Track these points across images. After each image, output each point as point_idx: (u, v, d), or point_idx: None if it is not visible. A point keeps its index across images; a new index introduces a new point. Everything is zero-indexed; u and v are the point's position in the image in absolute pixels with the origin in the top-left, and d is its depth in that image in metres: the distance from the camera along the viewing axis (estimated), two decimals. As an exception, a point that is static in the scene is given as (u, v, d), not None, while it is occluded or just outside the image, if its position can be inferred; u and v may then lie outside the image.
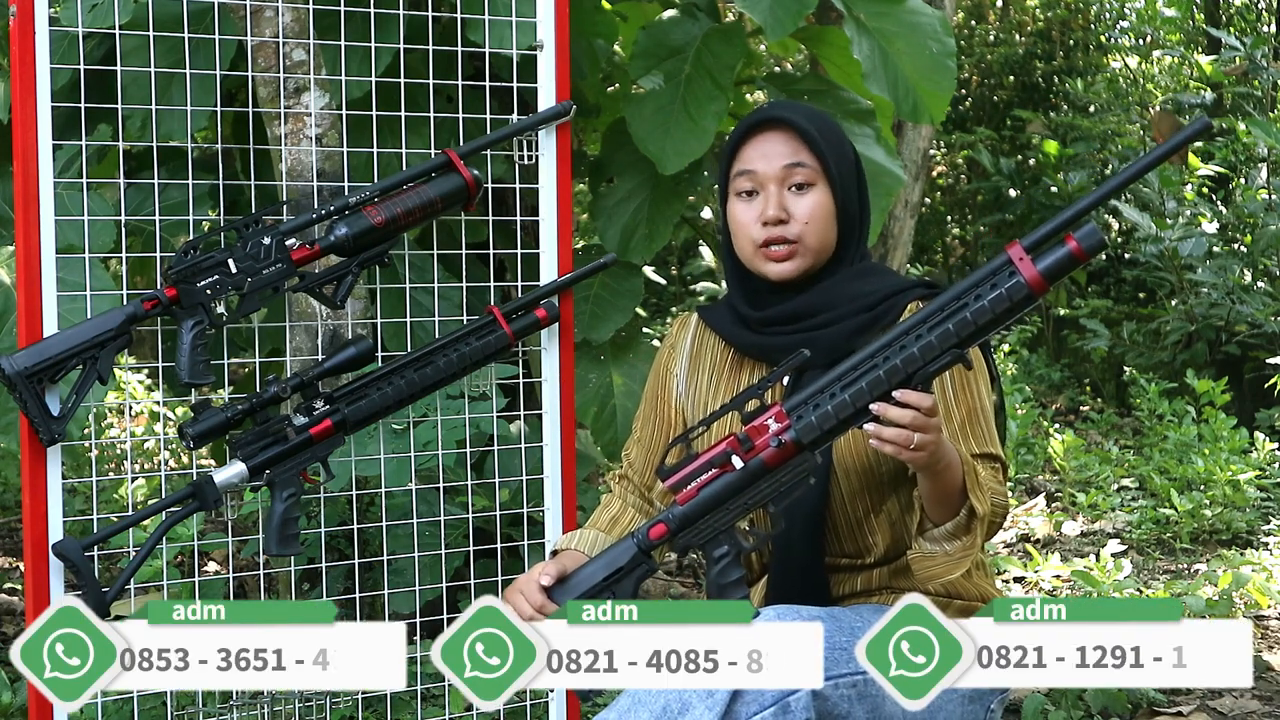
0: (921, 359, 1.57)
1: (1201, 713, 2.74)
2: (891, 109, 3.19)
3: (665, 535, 1.68)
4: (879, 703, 1.69)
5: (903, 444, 1.57)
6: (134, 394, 5.68)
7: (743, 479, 1.65)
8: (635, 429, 2.06)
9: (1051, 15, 9.11)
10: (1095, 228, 1.52)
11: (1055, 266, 1.53)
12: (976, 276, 1.56)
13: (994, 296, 1.54)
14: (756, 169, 1.87)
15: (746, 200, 1.88)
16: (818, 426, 1.61)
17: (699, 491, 1.66)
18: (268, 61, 2.28)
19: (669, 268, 8.56)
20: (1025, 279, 1.53)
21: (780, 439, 1.63)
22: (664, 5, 3.47)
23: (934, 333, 1.57)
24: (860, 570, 1.87)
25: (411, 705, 2.43)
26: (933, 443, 1.59)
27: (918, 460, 1.60)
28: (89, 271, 2.06)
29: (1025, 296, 1.54)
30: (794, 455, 1.63)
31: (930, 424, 1.58)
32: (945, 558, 1.73)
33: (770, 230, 1.85)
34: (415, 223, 2.08)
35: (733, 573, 1.68)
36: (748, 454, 1.64)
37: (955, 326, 1.56)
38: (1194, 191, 6.88)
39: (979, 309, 1.55)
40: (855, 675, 1.67)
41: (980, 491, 1.70)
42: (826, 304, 1.84)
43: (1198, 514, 4.39)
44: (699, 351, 1.99)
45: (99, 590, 1.91)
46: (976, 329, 1.55)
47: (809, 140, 1.86)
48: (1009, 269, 1.54)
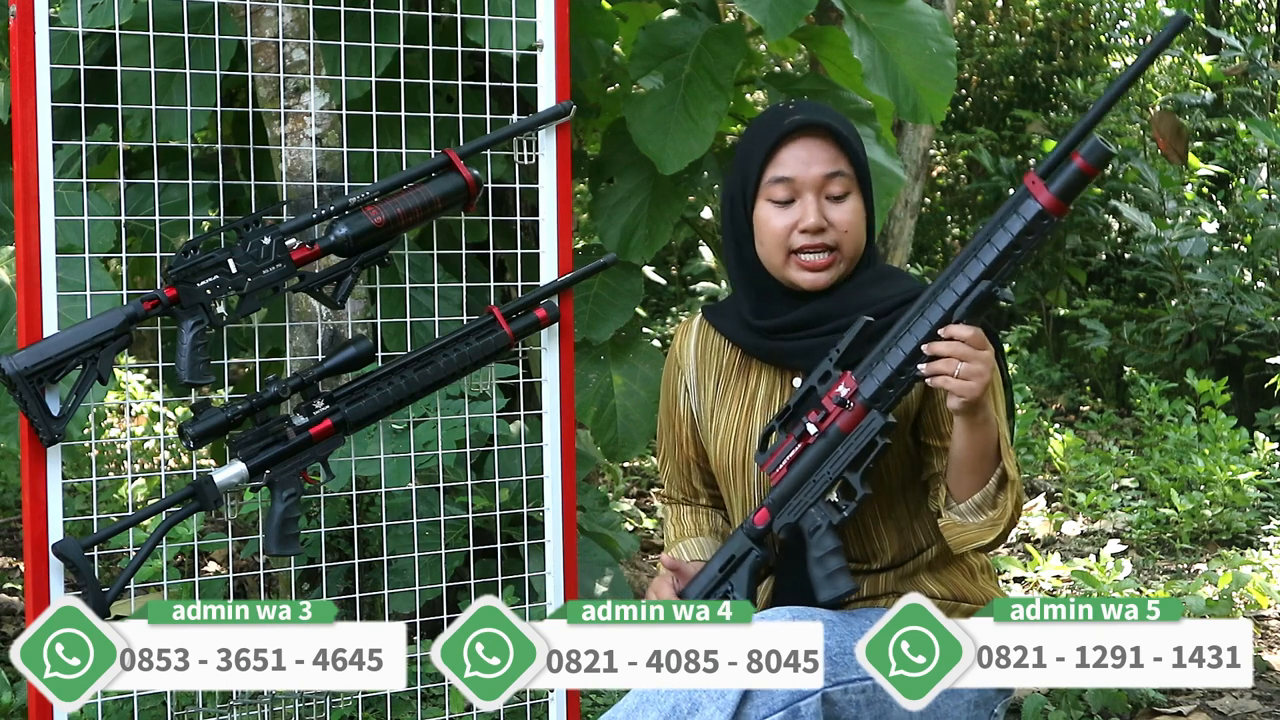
0: (958, 295, 1.67)
1: (1201, 713, 2.74)
2: (891, 109, 3.19)
3: (769, 518, 1.77)
4: (887, 708, 1.69)
5: (949, 372, 1.64)
6: (134, 394, 5.68)
7: (824, 447, 1.74)
8: (660, 448, 2.07)
9: (1051, 15, 9.11)
10: (1098, 141, 1.62)
11: (1066, 184, 1.64)
12: (1000, 212, 1.67)
13: (1012, 221, 1.65)
14: (795, 175, 1.82)
15: (781, 208, 1.83)
16: (879, 380, 1.71)
17: (788, 469, 1.76)
18: (268, 61, 2.28)
19: (669, 268, 8.56)
20: (1040, 201, 1.64)
21: (849, 402, 1.72)
22: (664, 5, 3.47)
23: (966, 270, 1.67)
24: (867, 575, 1.86)
25: (411, 705, 2.43)
26: (979, 374, 1.64)
27: (966, 391, 1.64)
28: (89, 271, 2.06)
29: (1039, 215, 1.64)
30: (864, 416, 1.72)
31: (976, 355, 1.64)
32: (977, 525, 1.74)
33: (810, 239, 1.82)
34: (415, 223, 2.08)
35: (827, 543, 1.74)
36: (823, 422, 1.74)
37: (983, 256, 1.66)
38: (1194, 191, 6.88)
39: (1001, 236, 1.65)
40: (865, 681, 1.67)
41: (1011, 458, 1.73)
42: (841, 310, 1.82)
43: (1198, 514, 4.39)
44: (705, 356, 1.97)
45: (99, 590, 1.91)
46: (1001, 255, 1.65)
47: (846, 148, 1.83)
48: (1025, 195, 1.65)
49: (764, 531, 1.77)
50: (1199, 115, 7.25)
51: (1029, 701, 2.66)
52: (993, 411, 1.70)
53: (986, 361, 1.64)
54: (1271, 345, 5.69)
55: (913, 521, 1.86)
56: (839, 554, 1.73)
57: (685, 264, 8.63)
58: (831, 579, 1.73)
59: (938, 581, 1.87)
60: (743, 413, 1.89)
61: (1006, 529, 1.76)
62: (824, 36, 3.39)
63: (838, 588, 1.72)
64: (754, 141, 1.86)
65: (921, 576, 1.87)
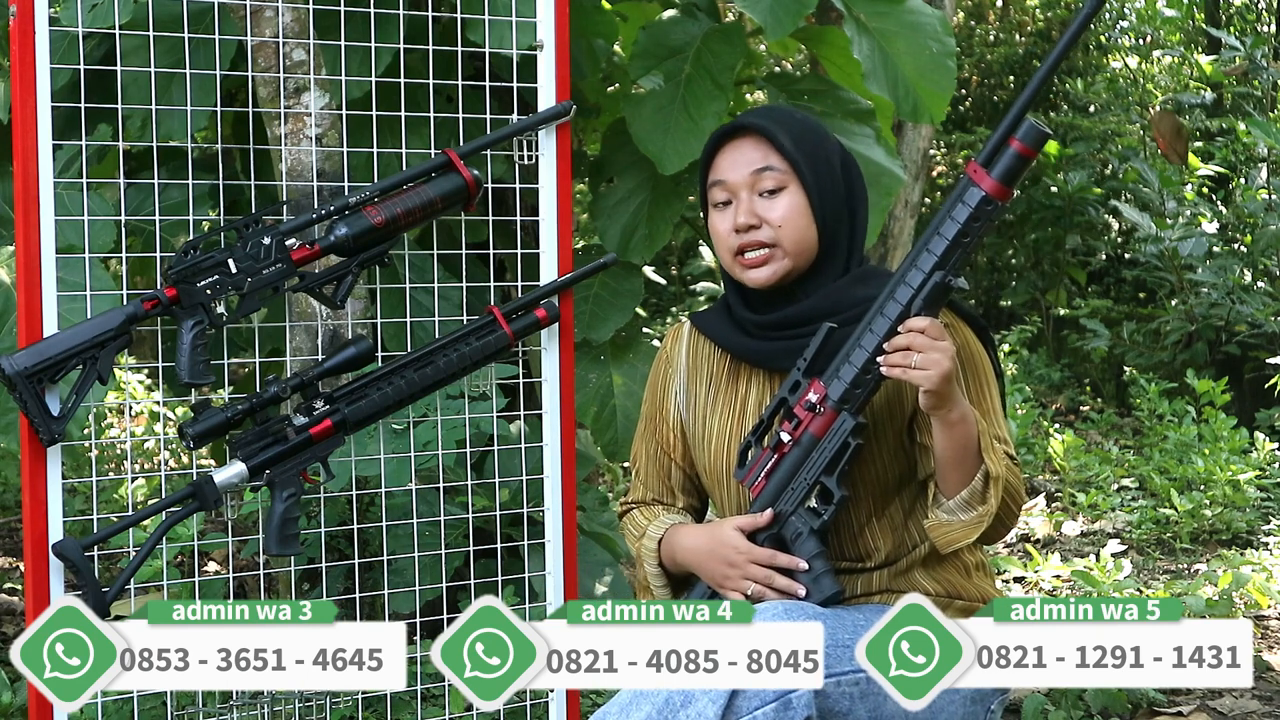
0: (913, 289, 1.69)
1: (1201, 713, 2.74)
2: (891, 109, 3.19)
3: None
4: (880, 701, 1.69)
5: (905, 364, 1.66)
6: (134, 394, 5.68)
7: (798, 455, 1.77)
8: (637, 448, 2.04)
9: (1051, 15, 9.11)
10: (1032, 123, 1.66)
11: (1006, 169, 1.67)
12: (946, 204, 1.70)
13: (958, 210, 1.68)
14: (727, 178, 1.87)
15: (722, 210, 1.88)
16: (845, 381, 1.73)
17: (766, 480, 1.78)
18: (268, 61, 2.28)
19: (669, 268, 8.56)
20: (984, 188, 1.67)
21: (820, 407, 1.74)
22: (664, 5, 3.47)
23: (918, 263, 1.70)
24: (862, 573, 1.87)
25: (411, 705, 2.43)
26: (936, 363, 1.65)
27: (925, 381, 1.65)
28: (89, 271, 2.06)
29: (983, 201, 1.67)
30: (835, 419, 1.74)
31: (933, 345, 1.66)
32: (963, 524, 1.75)
33: (743, 237, 1.84)
34: (415, 223, 2.08)
35: (810, 547, 1.76)
36: (796, 430, 1.76)
37: (933, 247, 1.69)
38: (1194, 191, 6.88)
39: (948, 226, 1.68)
40: (857, 673, 1.67)
41: (994, 454, 1.72)
42: (828, 310, 1.83)
43: (1198, 514, 4.39)
44: (696, 362, 1.97)
45: (99, 590, 1.91)
46: (951, 245, 1.68)
47: (776, 143, 1.85)
48: (969, 184, 1.69)
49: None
50: (1199, 115, 7.25)
51: (1029, 701, 2.66)
52: (969, 409, 1.71)
53: (944, 351, 1.66)
54: (1271, 345, 5.69)
55: (906, 520, 1.86)
56: (823, 557, 1.75)
57: (685, 264, 8.63)
58: (818, 582, 1.75)
59: (932, 579, 1.87)
60: (734, 419, 1.89)
61: (993, 525, 1.75)
62: (824, 36, 3.39)
63: (824, 590, 1.74)
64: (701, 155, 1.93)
65: (915, 574, 1.87)
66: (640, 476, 2.03)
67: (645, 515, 1.99)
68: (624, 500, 2.06)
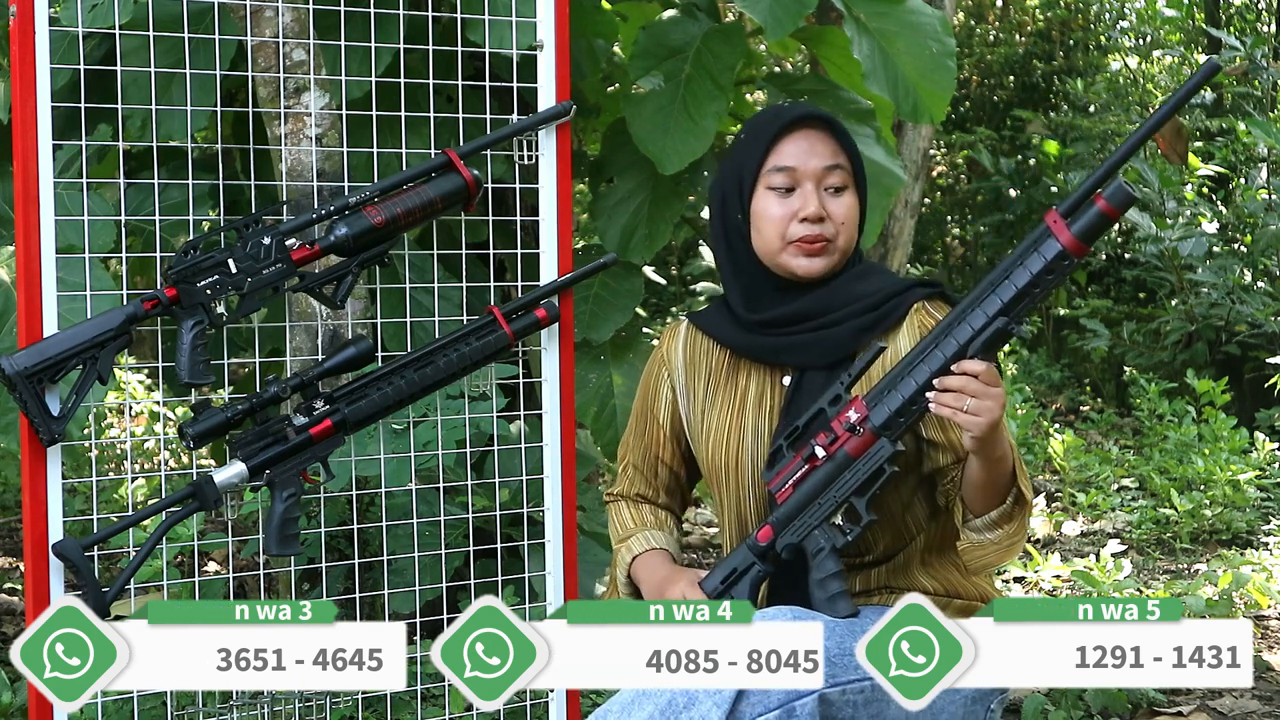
0: (972, 330, 1.66)
1: (1201, 713, 2.74)
2: (891, 109, 3.19)
3: (772, 536, 1.78)
4: (884, 708, 1.69)
5: (958, 407, 1.64)
6: (134, 394, 5.68)
7: (831, 471, 1.75)
8: (626, 444, 2.06)
9: (1051, 15, 9.10)
10: (1121, 184, 1.61)
11: (1088, 226, 1.63)
12: (1020, 249, 1.66)
13: (1032, 260, 1.64)
14: (796, 165, 1.86)
15: (782, 196, 1.86)
16: (889, 409, 1.70)
17: (794, 490, 1.76)
18: (268, 61, 2.28)
19: (669, 268, 8.56)
20: (1060, 241, 1.63)
21: (859, 428, 1.72)
22: (664, 5, 3.47)
23: (983, 305, 1.66)
24: (859, 569, 1.87)
25: (411, 705, 2.43)
26: (989, 410, 1.64)
27: (974, 427, 1.64)
28: (89, 271, 2.06)
29: (1059, 255, 1.63)
30: (873, 443, 1.73)
31: (986, 391, 1.64)
32: (995, 545, 1.76)
33: (809, 228, 1.84)
34: (415, 223, 2.08)
35: (829, 566, 1.75)
36: (832, 446, 1.74)
37: (1001, 294, 1.65)
38: (1194, 191, 6.88)
39: (1020, 274, 1.65)
40: (862, 681, 1.67)
41: (1026, 481, 1.74)
42: (829, 305, 1.84)
43: (1198, 514, 4.39)
44: (693, 359, 1.98)
45: (99, 590, 1.91)
46: (1018, 293, 1.65)
47: (845, 144, 1.87)
48: (1046, 234, 1.64)
49: (767, 548, 1.79)
50: (1199, 115, 7.25)
51: (1029, 701, 2.66)
52: (1008, 446, 1.71)
53: (997, 399, 1.64)
54: (1271, 345, 5.68)
55: (904, 512, 1.86)
56: (841, 578, 1.75)
57: (685, 264, 8.62)
58: (832, 602, 1.74)
59: (930, 576, 1.88)
60: (733, 414, 1.90)
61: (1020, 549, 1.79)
62: (824, 36, 3.39)
63: (838, 611, 1.73)
64: (754, 135, 1.89)
65: (914, 570, 1.87)
66: (628, 473, 2.04)
67: (634, 517, 2.01)
68: (609, 492, 2.08)
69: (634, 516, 2.01)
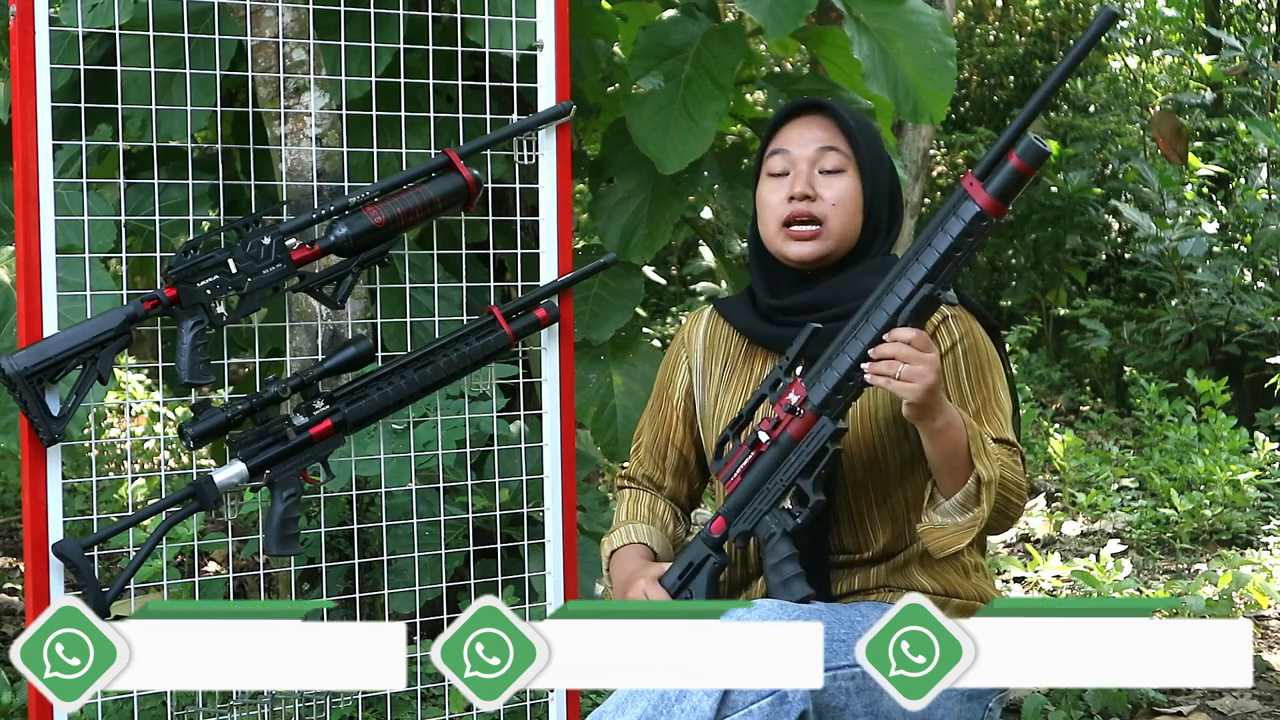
0: (900, 299, 1.67)
1: (1201, 713, 2.74)
2: (891, 109, 3.19)
3: (725, 526, 1.79)
4: (877, 696, 1.70)
5: (890, 374, 1.65)
6: (134, 394, 5.68)
7: (776, 455, 1.75)
8: (640, 425, 2.07)
9: (1051, 15, 9.10)
10: (1031, 140, 1.63)
11: (1003, 185, 1.64)
12: (939, 215, 1.68)
13: (951, 224, 1.66)
14: (791, 149, 1.88)
15: (777, 180, 1.89)
16: (827, 387, 1.71)
17: (742, 478, 1.77)
18: (268, 61, 2.28)
19: (669, 268, 8.56)
20: (978, 203, 1.64)
21: (799, 409, 1.73)
22: (664, 5, 3.47)
23: (908, 274, 1.67)
24: (859, 567, 1.87)
25: (411, 705, 2.43)
26: (921, 375, 1.64)
27: (909, 393, 1.65)
28: (89, 271, 2.06)
29: (977, 216, 1.64)
30: (815, 423, 1.73)
31: (919, 356, 1.64)
32: (955, 527, 1.74)
33: (796, 206, 1.85)
34: (415, 223, 2.08)
35: (782, 549, 1.75)
36: (775, 430, 1.75)
37: (924, 260, 1.67)
38: (1194, 191, 6.88)
39: (940, 239, 1.66)
40: (854, 668, 1.68)
41: (986, 458, 1.71)
42: (839, 297, 1.85)
43: (1198, 514, 4.39)
44: (713, 343, 1.99)
45: (99, 590, 1.91)
46: (941, 258, 1.66)
47: (845, 128, 1.88)
48: (963, 196, 1.66)
49: (721, 539, 1.79)
50: (1199, 115, 7.25)
51: (1029, 701, 2.66)
52: (954, 416, 1.70)
53: (929, 363, 1.65)
54: (1271, 345, 5.68)
55: (908, 511, 1.86)
56: (793, 560, 1.75)
57: (685, 264, 8.63)
58: (787, 585, 1.74)
59: (930, 577, 1.87)
60: (745, 400, 1.91)
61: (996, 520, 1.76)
62: (824, 36, 3.39)
63: (793, 593, 1.73)
64: (766, 129, 1.94)
65: (914, 570, 1.87)
66: (639, 453, 2.06)
67: (628, 509, 2.02)
68: (620, 474, 2.10)
69: (628, 508, 2.03)
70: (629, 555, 1.94)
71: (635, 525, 1.98)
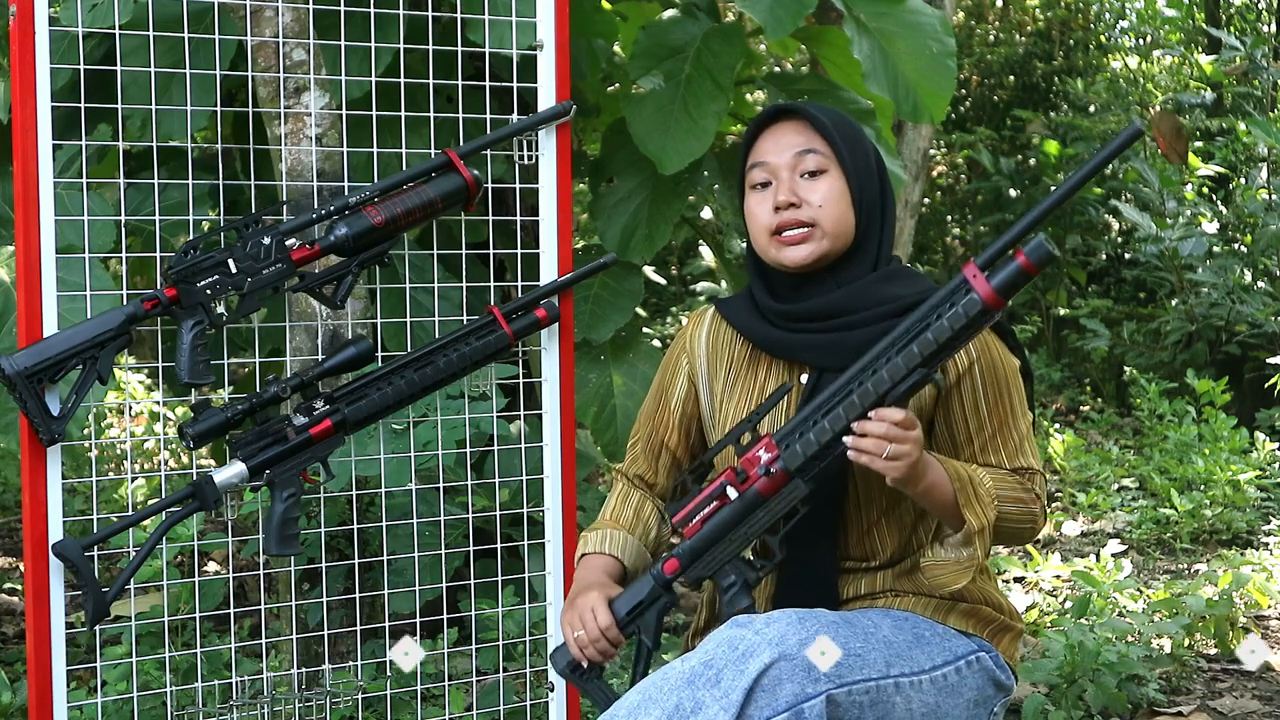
0: (890, 380, 1.66)
1: (1201, 713, 2.74)
2: (891, 109, 3.19)
3: (678, 569, 1.77)
4: (890, 708, 1.69)
5: (876, 453, 1.66)
6: (134, 394, 5.68)
7: (740, 510, 1.74)
8: (637, 425, 2.07)
9: (1051, 15, 9.11)
10: (1042, 241, 1.60)
11: (1006, 281, 1.62)
12: (937, 297, 1.65)
13: (951, 314, 1.63)
14: (769, 159, 1.87)
15: (761, 191, 1.88)
16: (802, 454, 1.71)
17: (702, 525, 1.75)
18: (268, 61, 2.28)
19: (669, 268, 8.56)
20: (980, 295, 1.62)
21: (770, 469, 1.72)
22: (664, 5, 3.47)
23: (900, 355, 1.66)
24: (866, 573, 1.87)
25: (411, 705, 2.43)
26: (907, 454, 1.66)
27: (893, 471, 1.66)
28: (89, 271, 2.06)
29: (980, 312, 1.62)
30: (785, 483, 1.72)
31: (905, 436, 1.66)
32: (955, 565, 1.77)
33: (783, 215, 1.84)
34: (415, 223, 2.08)
35: (741, 601, 1.75)
36: (742, 485, 1.74)
37: (919, 347, 1.65)
38: (1194, 191, 6.88)
39: (939, 328, 1.64)
40: (868, 682, 1.67)
41: (977, 506, 1.73)
42: (854, 305, 1.83)
43: (1198, 514, 4.39)
44: (716, 347, 1.98)
45: (99, 590, 1.91)
46: (938, 347, 1.64)
47: (819, 128, 1.86)
48: (965, 288, 1.63)
49: (672, 580, 1.79)
50: (1199, 115, 7.25)
51: (1029, 701, 2.66)
52: (937, 476, 1.72)
53: (916, 442, 1.66)
54: (1271, 345, 5.69)
55: (916, 522, 1.86)
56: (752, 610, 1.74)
57: (685, 264, 8.63)
58: None
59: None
60: (750, 405, 1.90)
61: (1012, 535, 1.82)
62: (824, 36, 3.39)
63: None
64: (742, 142, 1.93)
65: (919, 574, 1.87)
66: (636, 449, 2.06)
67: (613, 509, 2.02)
68: (617, 469, 2.10)
69: (615, 507, 2.02)
70: (596, 565, 1.94)
71: (613, 532, 1.98)
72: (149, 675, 2.32)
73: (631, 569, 1.95)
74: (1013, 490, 1.78)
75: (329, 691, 2.21)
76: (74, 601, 2.07)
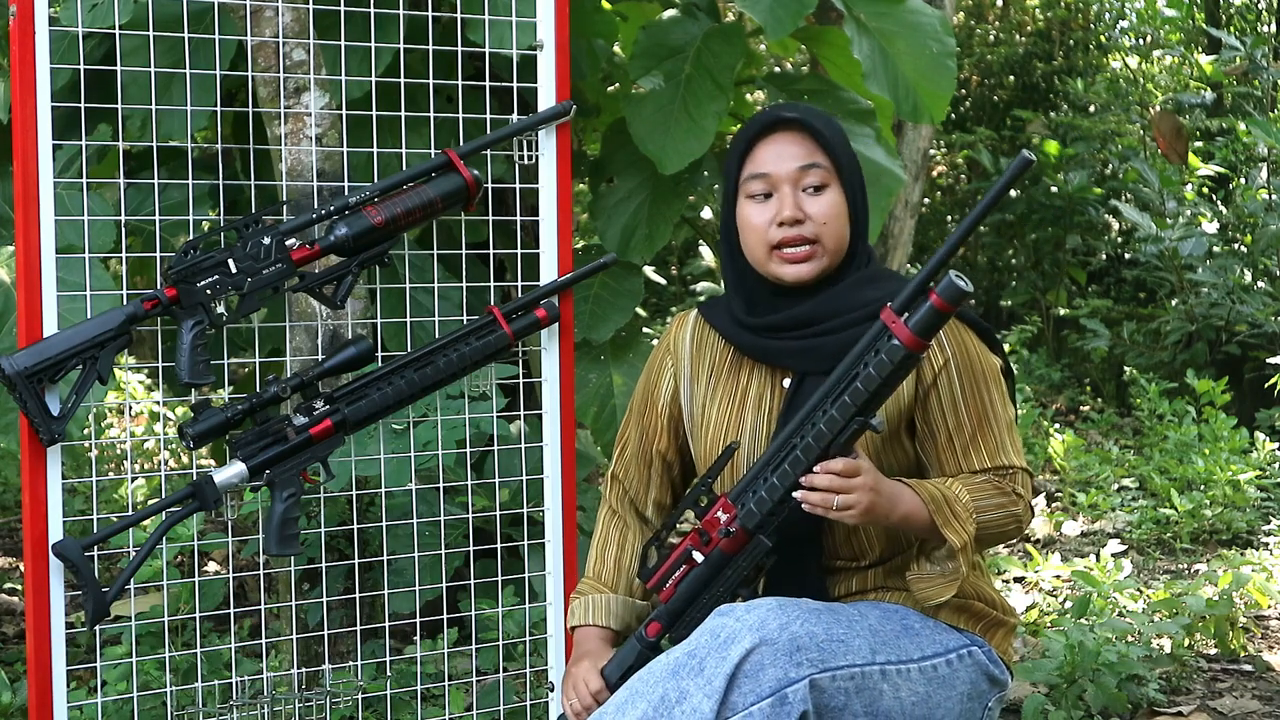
0: (829, 433, 1.69)
1: (1201, 713, 2.74)
2: (891, 109, 3.19)
3: (661, 631, 1.81)
4: (876, 696, 1.70)
5: (825, 505, 1.68)
6: (134, 394, 5.68)
7: (709, 570, 1.79)
8: (623, 434, 2.06)
9: (1051, 15, 9.11)
10: (951, 279, 1.63)
11: (924, 323, 1.64)
12: (861, 346, 1.68)
13: (877, 362, 1.66)
14: (770, 171, 1.84)
15: (760, 203, 1.85)
16: (757, 512, 1.74)
17: (675, 588, 1.80)
18: (268, 61, 2.28)
19: (669, 268, 8.56)
20: (900, 341, 1.65)
21: (730, 529, 1.76)
22: (664, 5, 3.47)
23: (835, 407, 1.69)
24: (856, 571, 1.87)
25: (411, 705, 2.43)
26: (856, 500, 1.68)
27: (848, 518, 1.69)
28: (89, 271, 2.06)
29: (904, 356, 1.65)
30: (746, 541, 1.76)
31: (849, 485, 1.68)
32: (940, 578, 1.77)
33: (787, 231, 1.83)
34: (415, 223, 2.08)
35: None
36: (706, 547, 1.78)
37: (851, 397, 1.68)
38: (1194, 191, 6.88)
39: (867, 377, 1.67)
40: (853, 668, 1.68)
41: (956, 524, 1.75)
42: (832, 310, 1.83)
43: (1198, 514, 4.39)
44: (700, 350, 1.98)
45: (99, 590, 1.91)
46: (870, 396, 1.67)
47: (822, 141, 1.84)
48: (886, 334, 1.66)
49: (656, 642, 1.82)
50: (1199, 115, 7.25)
51: (1029, 701, 2.66)
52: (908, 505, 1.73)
53: (863, 488, 1.68)
54: (1271, 345, 5.69)
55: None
56: None
57: (685, 264, 8.63)
58: None
59: None
60: (733, 410, 1.90)
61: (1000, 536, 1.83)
62: (824, 36, 3.39)
63: None
64: (733, 145, 1.91)
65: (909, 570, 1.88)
66: (625, 457, 2.06)
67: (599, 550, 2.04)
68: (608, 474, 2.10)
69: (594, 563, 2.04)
70: (588, 635, 1.97)
71: (596, 598, 1.99)
72: (149, 675, 2.32)
73: (622, 627, 1.99)
74: (991, 496, 1.79)
75: (329, 691, 2.21)
76: (74, 601, 2.07)
